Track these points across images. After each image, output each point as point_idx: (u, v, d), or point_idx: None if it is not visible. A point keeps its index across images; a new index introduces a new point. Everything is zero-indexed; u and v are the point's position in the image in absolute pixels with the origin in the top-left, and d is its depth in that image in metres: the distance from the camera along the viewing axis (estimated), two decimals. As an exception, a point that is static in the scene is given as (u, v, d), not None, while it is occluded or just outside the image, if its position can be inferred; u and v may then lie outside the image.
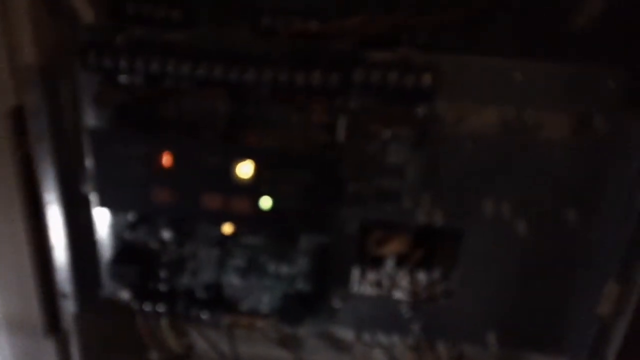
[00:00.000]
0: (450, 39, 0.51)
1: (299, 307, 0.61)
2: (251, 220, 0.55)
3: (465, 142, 0.52)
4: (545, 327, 0.60)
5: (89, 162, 0.54)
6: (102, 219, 0.60)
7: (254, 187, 0.54)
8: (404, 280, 0.62)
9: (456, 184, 0.54)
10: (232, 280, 0.61)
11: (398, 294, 0.62)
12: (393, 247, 0.61)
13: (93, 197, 0.57)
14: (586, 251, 0.55)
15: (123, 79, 0.52)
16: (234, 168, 0.53)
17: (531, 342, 0.61)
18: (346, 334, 0.73)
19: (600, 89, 0.50)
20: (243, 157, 0.53)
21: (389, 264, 0.60)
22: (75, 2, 0.50)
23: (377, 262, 0.62)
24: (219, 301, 0.62)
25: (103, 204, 0.56)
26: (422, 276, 0.61)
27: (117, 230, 0.60)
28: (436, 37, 0.50)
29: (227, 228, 0.57)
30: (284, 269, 0.59)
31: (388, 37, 0.50)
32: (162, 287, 0.61)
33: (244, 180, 0.54)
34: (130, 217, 0.58)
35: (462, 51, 0.51)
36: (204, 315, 0.62)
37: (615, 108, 0.50)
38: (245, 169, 0.53)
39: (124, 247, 0.60)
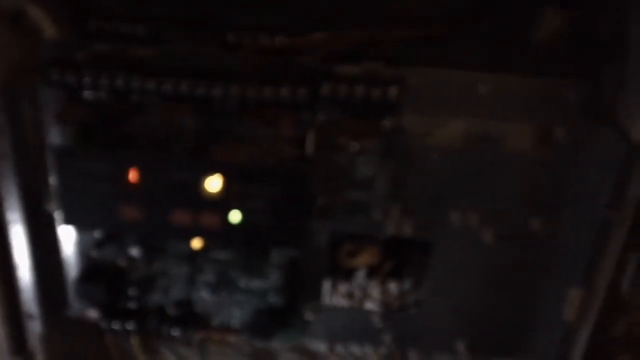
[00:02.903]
0: (415, 53, 0.52)
1: (270, 321, 0.61)
2: (221, 234, 0.55)
3: (432, 154, 0.53)
4: (513, 333, 0.61)
5: (53, 180, 0.53)
6: (67, 237, 0.59)
7: (223, 202, 0.53)
8: (375, 291, 0.62)
9: (424, 195, 0.55)
10: (203, 296, 0.60)
11: (369, 305, 0.62)
12: (364, 259, 0.61)
13: (58, 216, 0.56)
14: (551, 259, 0.56)
15: (87, 95, 0.51)
16: (202, 183, 0.53)
17: (500, 349, 0.62)
18: (319, 346, 0.73)
19: (561, 101, 0.51)
20: (211, 171, 0.53)
21: (360, 276, 0.60)
22: (38, 18, 0.49)
23: (348, 274, 0.62)
24: (190, 317, 0.62)
25: (68, 222, 0.55)
26: (392, 287, 0.61)
27: (83, 248, 0.59)
28: (402, 51, 0.51)
29: (197, 243, 0.56)
30: (255, 283, 0.59)
31: (354, 51, 0.50)
32: (131, 305, 0.60)
33: (212, 194, 0.53)
34: (97, 234, 0.57)
35: (427, 64, 0.51)
36: (175, 332, 0.61)
37: (575, 120, 0.51)
38: (214, 184, 0.53)
39: (90, 265, 0.58)
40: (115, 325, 0.60)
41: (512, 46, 0.53)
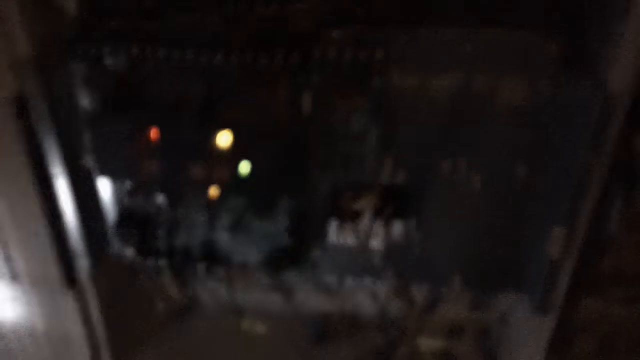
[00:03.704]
0: (401, 13, 0.55)
1: (282, 259, 0.69)
2: (233, 184, 0.62)
3: (420, 109, 0.58)
4: (504, 270, 0.67)
5: (86, 139, 0.61)
6: (103, 187, 0.67)
7: (233, 156, 0.60)
8: (376, 232, 0.68)
9: (414, 146, 0.60)
10: (223, 237, 0.69)
11: (372, 244, 0.69)
12: (364, 204, 0.67)
13: (93, 169, 0.64)
14: (536, 202, 0.61)
15: (108, 64, 0.58)
16: (214, 139, 0.60)
17: (492, 284, 0.68)
18: (331, 280, 0.81)
19: (544, 55, 0.55)
20: (221, 129, 0.59)
21: (365, 218, 0.67)
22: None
23: (351, 217, 0.68)
24: (212, 255, 0.70)
25: (101, 174, 0.63)
26: (391, 228, 0.68)
27: (117, 197, 0.68)
28: (388, 12, 0.55)
29: (213, 192, 0.64)
30: (267, 226, 0.67)
31: (343, 16, 0.54)
32: (161, 246, 0.69)
33: (223, 149, 0.60)
34: (127, 185, 0.66)
35: (411, 24, 0.55)
36: (200, 269, 0.70)
37: (558, 73, 0.55)
38: (224, 139, 0.60)
39: (124, 211, 0.68)
40: (148, 264, 0.69)
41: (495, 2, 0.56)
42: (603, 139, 0.54)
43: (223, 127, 0.58)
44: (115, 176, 0.64)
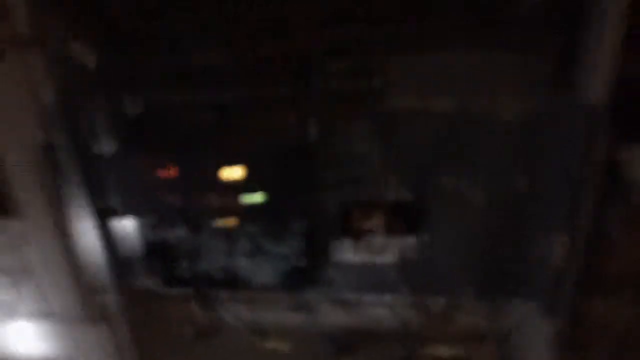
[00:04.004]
0: (398, 42, 0.60)
1: (299, 279, 0.73)
2: (247, 212, 0.67)
3: (419, 129, 0.62)
4: (512, 278, 0.70)
5: (109, 181, 0.66)
6: (127, 224, 0.72)
7: (246, 186, 0.65)
8: (387, 248, 0.72)
9: (417, 165, 0.64)
10: (242, 262, 0.73)
11: (385, 259, 0.73)
12: (373, 222, 0.71)
13: (117, 208, 0.69)
14: (537, 212, 0.64)
15: (126, 109, 0.63)
16: (226, 171, 0.64)
17: (502, 292, 0.72)
18: (350, 297, 0.85)
19: (533, 74, 0.58)
20: (233, 162, 0.64)
21: (373, 236, 0.70)
22: (79, 52, 0.61)
23: (362, 235, 0.72)
24: (233, 280, 0.74)
25: (125, 212, 0.68)
26: (402, 243, 0.71)
27: (141, 232, 0.72)
28: (384, 41, 0.59)
29: (229, 221, 0.68)
30: (282, 249, 0.71)
31: (342, 47, 0.59)
32: (185, 274, 0.73)
33: (236, 180, 0.65)
34: (149, 220, 0.70)
35: (410, 51, 0.60)
36: (222, 294, 0.74)
37: (546, 90, 0.59)
38: (236, 172, 0.64)
39: (148, 245, 0.72)
40: (174, 292, 0.74)
41: (487, 24, 0.60)
42: (590, 147, 0.57)
43: (235, 159, 0.62)
44: (138, 213, 0.68)
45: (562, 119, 0.57)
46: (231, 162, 0.63)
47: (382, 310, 0.87)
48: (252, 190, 0.65)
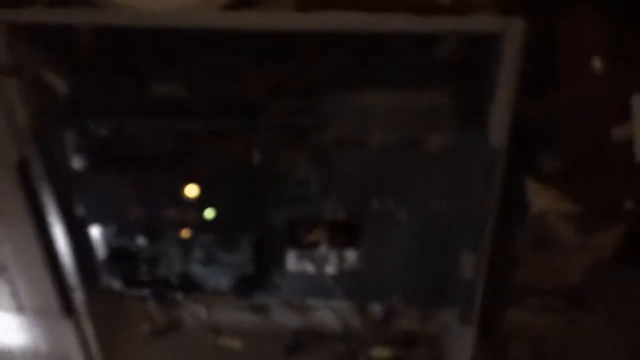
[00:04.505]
0: (332, 84, 0.70)
1: (248, 285, 0.83)
2: (201, 226, 0.76)
3: (350, 158, 0.72)
4: (434, 288, 0.81)
5: (78, 193, 0.76)
6: (93, 231, 0.81)
7: (200, 203, 0.75)
8: (329, 258, 0.82)
9: (349, 188, 0.74)
10: (196, 269, 0.83)
11: (327, 269, 0.83)
12: (316, 235, 0.81)
13: (85, 216, 0.78)
14: (453, 232, 0.75)
15: (94, 131, 0.72)
16: (183, 189, 0.74)
17: (425, 300, 0.82)
18: (298, 300, 0.95)
19: (446, 112, 0.69)
20: (188, 181, 0.74)
21: (315, 248, 0.80)
22: (52, 80, 0.70)
23: (305, 247, 0.82)
24: (188, 284, 0.84)
25: (91, 221, 0.78)
26: (340, 255, 0.82)
27: (105, 238, 0.82)
28: (318, 83, 0.70)
29: (185, 233, 0.78)
30: (233, 258, 0.81)
31: (280, 88, 0.69)
32: (144, 277, 0.83)
33: (191, 198, 0.74)
34: (113, 228, 0.80)
35: (343, 92, 0.70)
36: (179, 296, 0.84)
37: (456, 127, 0.69)
38: (191, 190, 0.74)
39: (111, 250, 0.81)
40: (134, 293, 0.83)
41: (407, 70, 0.70)
42: (492, 179, 0.68)
43: (191, 178, 0.72)
44: (101, 222, 0.78)
45: (474, 154, 0.67)
46: (188, 181, 0.72)
47: (326, 313, 0.98)
48: (206, 206, 0.74)
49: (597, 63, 0.64)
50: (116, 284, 0.83)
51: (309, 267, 0.82)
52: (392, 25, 0.59)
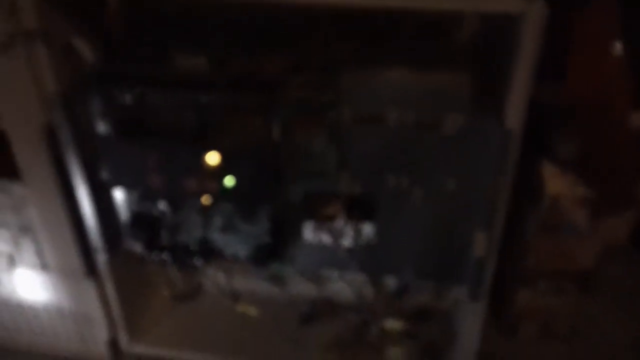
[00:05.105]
0: (350, 62, 0.72)
1: (265, 254, 0.86)
2: (221, 194, 0.80)
3: (367, 135, 0.74)
4: (447, 265, 0.83)
5: (102, 158, 0.79)
6: (117, 195, 0.86)
7: (220, 171, 0.78)
8: (345, 232, 0.85)
9: (365, 164, 0.77)
10: (215, 236, 0.86)
11: (340, 242, 0.86)
12: (332, 209, 0.84)
13: (108, 181, 0.82)
14: (464, 210, 0.77)
15: (120, 100, 0.75)
16: (204, 158, 0.77)
17: (437, 276, 0.85)
18: (314, 272, 0.98)
19: (463, 95, 0.70)
20: (210, 150, 0.77)
21: (332, 221, 0.83)
22: (81, 48, 0.73)
23: (322, 220, 0.85)
24: (208, 251, 0.88)
25: (115, 185, 0.82)
26: (356, 228, 0.84)
27: (128, 203, 0.86)
28: (338, 60, 0.71)
29: (205, 200, 0.82)
30: (251, 228, 0.84)
31: (300, 64, 0.71)
32: (165, 242, 0.87)
33: (212, 166, 0.78)
34: (135, 194, 0.84)
35: (360, 69, 0.72)
36: (198, 262, 0.88)
37: (471, 109, 0.71)
38: (212, 158, 0.77)
39: (134, 215, 0.86)
40: (154, 257, 0.88)
41: (426, 50, 0.72)
42: (505, 161, 0.69)
43: (212, 148, 0.75)
44: (126, 186, 0.82)
45: (489, 136, 0.69)
46: (209, 151, 0.75)
47: (341, 285, 1.01)
48: (226, 174, 0.77)
49: (617, 47, 0.65)
50: (137, 248, 0.87)
51: (325, 239, 0.85)
52: (414, 3, 0.60)
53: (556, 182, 0.70)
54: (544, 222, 0.74)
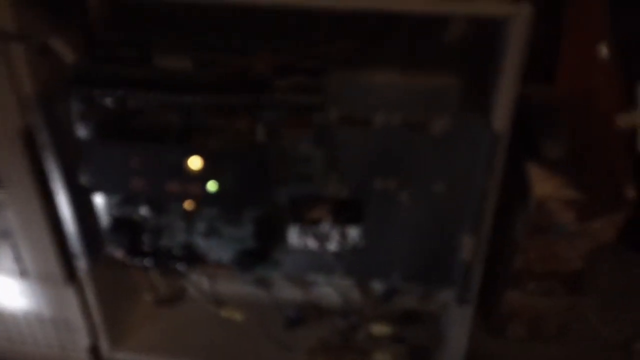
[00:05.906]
0: (336, 64, 0.72)
1: (250, 259, 0.86)
2: (204, 199, 0.79)
3: (354, 138, 0.74)
4: (433, 267, 0.84)
5: (83, 161, 0.79)
6: (98, 200, 0.85)
7: (203, 176, 0.77)
8: (331, 235, 0.85)
9: (352, 167, 0.77)
10: (199, 241, 0.86)
11: (326, 246, 0.86)
12: (318, 213, 0.84)
13: (88, 185, 0.82)
14: (452, 214, 0.78)
15: (99, 102, 0.75)
16: (186, 162, 0.77)
17: (424, 279, 0.86)
18: (300, 276, 0.99)
19: (451, 96, 0.71)
20: (192, 154, 0.77)
21: (318, 225, 0.84)
22: (60, 48, 0.73)
23: (308, 223, 0.85)
24: (191, 256, 0.88)
25: (95, 189, 0.81)
26: (342, 232, 0.85)
27: (109, 207, 0.85)
28: (325, 62, 0.72)
29: (188, 205, 0.81)
30: (235, 232, 0.84)
31: (287, 66, 0.71)
32: (147, 248, 0.87)
33: (195, 171, 0.77)
34: (116, 198, 0.83)
35: (347, 71, 0.72)
36: (181, 267, 0.88)
37: (460, 111, 0.71)
38: (195, 163, 0.77)
39: (115, 220, 0.85)
40: (136, 262, 0.87)
41: (413, 52, 0.72)
42: (493, 163, 0.70)
43: (195, 151, 0.75)
44: (105, 191, 0.81)
45: (476, 137, 0.70)
46: (192, 154, 0.75)
47: (327, 289, 1.01)
48: (209, 179, 0.77)
49: (603, 49, 0.66)
50: (119, 253, 0.87)
51: (311, 243, 0.85)
52: (401, 5, 0.60)
53: (544, 184, 0.71)
54: (533, 224, 0.75)
